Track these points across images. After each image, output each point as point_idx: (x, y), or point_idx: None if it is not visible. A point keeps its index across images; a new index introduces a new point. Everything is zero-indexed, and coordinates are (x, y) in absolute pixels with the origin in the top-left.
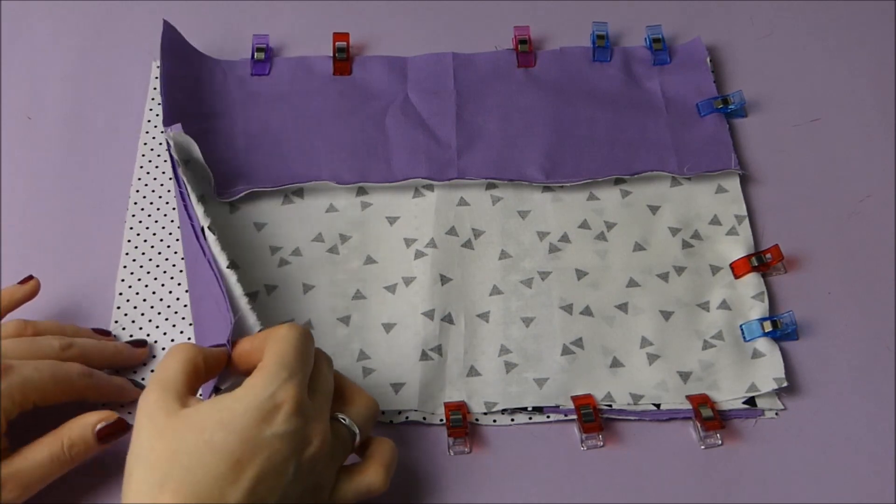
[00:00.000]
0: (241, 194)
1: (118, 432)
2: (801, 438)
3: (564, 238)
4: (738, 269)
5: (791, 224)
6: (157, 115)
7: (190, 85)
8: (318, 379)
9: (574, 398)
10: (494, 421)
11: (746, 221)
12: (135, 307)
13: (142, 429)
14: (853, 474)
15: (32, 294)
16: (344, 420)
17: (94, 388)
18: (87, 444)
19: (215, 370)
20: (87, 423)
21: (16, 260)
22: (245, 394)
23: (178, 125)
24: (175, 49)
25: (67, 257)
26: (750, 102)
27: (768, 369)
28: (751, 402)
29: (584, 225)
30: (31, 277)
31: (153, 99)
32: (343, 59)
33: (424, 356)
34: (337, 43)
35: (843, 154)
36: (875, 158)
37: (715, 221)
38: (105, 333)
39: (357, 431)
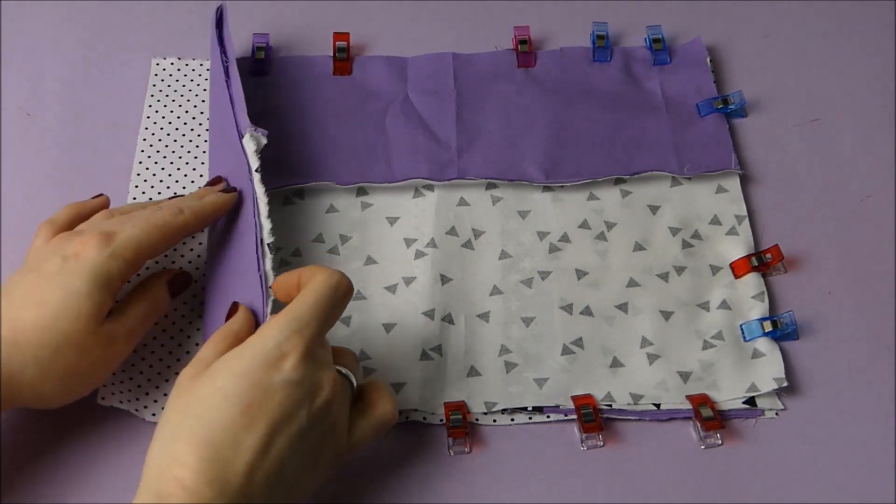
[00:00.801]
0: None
1: (185, 283)
2: (801, 438)
3: (564, 238)
4: (738, 269)
5: (791, 224)
6: (157, 111)
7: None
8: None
9: (574, 398)
10: (494, 421)
11: (746, 221)
12: None
13: (170, 396)
14: (853, 474)
15: (101, 206)
16: (341, 370)
17: (192, 219)
18: (165, 298)
19: None
20: (160, 280)
21: (15, 258)
22: (254, 342)
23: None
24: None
25: None
26: (750, 102)
27: (768, 369)
28: (751, 402)
29: (584, 225)
30: (101, 194)
31: (153, 96)
32: (343, 58)
33: (425, 356)
34: (337, 43)
35: (843, 154)
36: (875, 158)
37: (715, 221)
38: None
39: (353, 380)
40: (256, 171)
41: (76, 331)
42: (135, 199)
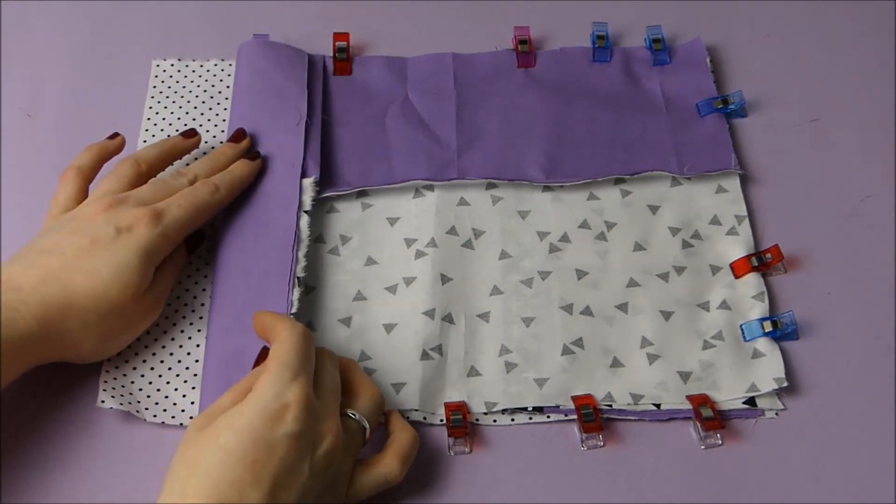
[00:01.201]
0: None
1: (199, 240)
2: (801, 438)
3: (564, 238)
4: (738, 269)
5: (791, 224)
6: (157, 112)
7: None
8: (322, 377)
9: (574, 398)
10: (494, 421)
11: (746, 221)
12: None
13: (178, 447)
14: (853, 474)
15: (120, 148)
16: (353, 415)
17: (226, 195)
18: (184, 256)
19: None
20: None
21: None
22: (253, 397)
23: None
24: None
25: None
26: (750, 102)
27: (768, 369)
28: (751, 402)
29: (585, 225)
30: (117, 134)
31: (153, 97)
32: (343, 59)
33: (425, 356)
34: (337, 43)
35: (843, 154)
36: (875, 158)
37: (715, 221)
38: (192, 134)
39: (367, 425)
40: (306, 212)
41: (123, 300)
42: None
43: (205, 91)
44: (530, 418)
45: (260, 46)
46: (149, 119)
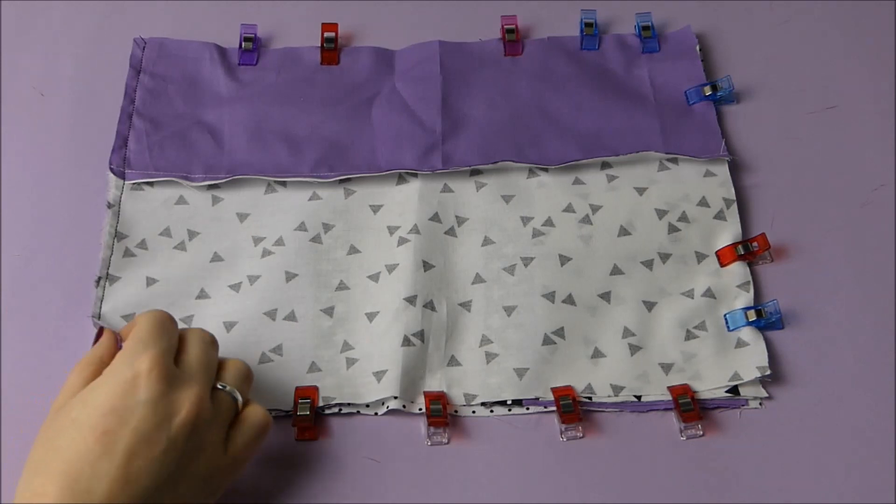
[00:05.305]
0: (224, 180)
1: None
2: (786, 428)
3: (548, 222)
4: (723, 258)
5: (779, 212)
6: None
7: (177, 82)
8: (186, 352)
9: (554, 389)
10: (474, 412)
11: (734, 206)
12: None
13: (41, 427)
14: (838, 464)
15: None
16: (223, 387)
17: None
18: None
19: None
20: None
21: (23, 238)
22: (107, 371)
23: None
24: (155, 56)
25: (73, 240)
26: (741, 90)
27: (752, 358)
28: (734, 391)
29: (569, 209)
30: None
31: None
32: (331, 48)
33: (406, 342)
34: (325, 33)
35: (843, 146)
36: (871, 149)
37: (703, 203)
38: None
39: (238, 396)
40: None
41: None
42: None
43: None
44: (509, 410)
45: None
46: None
